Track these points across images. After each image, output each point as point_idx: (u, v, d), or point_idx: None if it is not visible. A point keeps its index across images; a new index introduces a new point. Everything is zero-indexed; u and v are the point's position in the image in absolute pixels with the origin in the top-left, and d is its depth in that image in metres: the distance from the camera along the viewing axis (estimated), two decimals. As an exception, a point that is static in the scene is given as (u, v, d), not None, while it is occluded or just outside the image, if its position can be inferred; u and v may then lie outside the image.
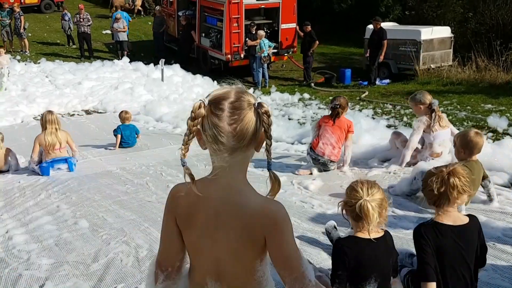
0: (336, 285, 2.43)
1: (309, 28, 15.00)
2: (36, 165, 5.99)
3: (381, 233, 2.51)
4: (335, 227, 3.50)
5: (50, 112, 6.23)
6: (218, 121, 1.42)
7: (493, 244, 3.47)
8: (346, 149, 5.60)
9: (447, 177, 2.49)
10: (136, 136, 7.66)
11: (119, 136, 7.41)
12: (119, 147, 7.40)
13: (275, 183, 1.54)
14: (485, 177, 4.15)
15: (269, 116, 1.48)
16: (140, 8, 25.13)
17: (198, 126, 1.46)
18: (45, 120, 6.00)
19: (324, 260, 3.26)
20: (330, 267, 3.16)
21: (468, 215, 2.63)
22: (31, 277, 3.27)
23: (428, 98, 5.24)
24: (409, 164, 5.34)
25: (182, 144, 1.49)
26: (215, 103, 1.45)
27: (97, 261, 3.45)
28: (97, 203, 4.77)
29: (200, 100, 1.47)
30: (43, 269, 3.37)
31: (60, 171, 5.97)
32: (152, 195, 4.96)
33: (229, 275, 1.53)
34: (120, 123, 7.60)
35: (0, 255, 3.65)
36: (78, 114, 11.16)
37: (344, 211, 2.51)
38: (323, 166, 5.52)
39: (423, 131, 5.23)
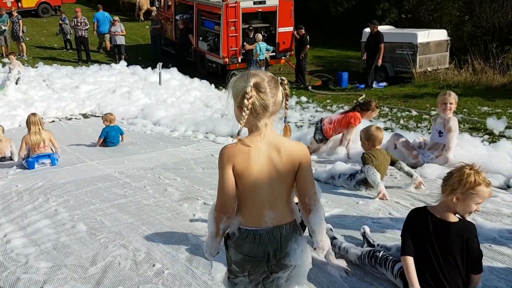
0: None
1: (302, 31, 15.08)
2: (23, 160, 6.74)
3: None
4: (330, 229, 3.55)
5: (33, 114, 7.05)
6: (264, 96, 1.99)
7: (489, 245, 3.49)
8: (345, 135, 6.30)
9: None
10: (120, 136, 8.25)
11: (101, 139, 8.03)
12: (104, 146, 8.04)
13: (288, 131, 2.14)
14: (395, 161, 4.86)
15: (288, 86, 2.09)
16: (142, 17, 25.32)
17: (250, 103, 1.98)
18: (29, 122, 6.77)
19: (323, 264, 3.27)
20: (333, 270, 3.18)
21: (463, 220, 2.66)
22: (29, 281, 3.27)
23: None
24: (413, 166, 5.39)
25: (241, 120, 2.01)
26: (257, 86, 1.99)
27: (95, 264, 3.46)
28: (95, 207, 4.77)
29: (249, 85, 1.98)
30: (41, 273, 3.38)
31: (44, 165, 6.71)
32: (150, 198, 4.97)
33: (278, 204, 2.09)
34: (105, 125, 8.13)
35: (-2, 258, 3.65)
36: (75, 118, 11.17)
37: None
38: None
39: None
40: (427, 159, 5.32)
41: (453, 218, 2.65)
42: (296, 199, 2.17)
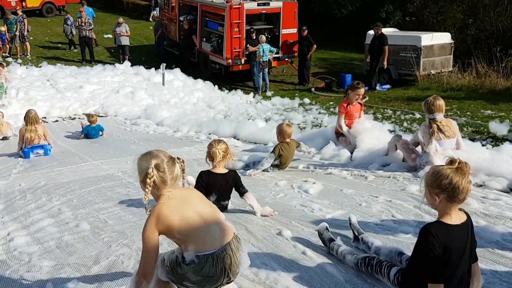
0: None
1: (306, 32, 15.10)
2: (20, 151, 7.60)
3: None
4: (327, 229, 3.55)
5: (30, 111, 7.86)
6: (163, 174, 2.46)
7: (492, 249, 3.49)
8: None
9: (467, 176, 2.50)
10: (100, 132, 9.24)
11: (82, 135, 9.13)
12: (86, 138, 9.11)
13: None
14: (297, 146, 6.12)
15: (183, 161, 2.59)
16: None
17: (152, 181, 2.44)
18: (27, 118, 7.67)
19: (326, 263, 3.27)
20: (332, 271, 3.18)
21: (462, 210, 2.63)
22: (32, 279, 3.28)
23: (433, 106, 5.22)
24: (412, 168, 5.39)
25: (145, 194, 2.45)
26: (157, 167, 2.45)
27: (98, 263, 3.46)
28: (98, 206, 4.78)
29: (150, 167, 2.43)
30: (44, 271, 3.38)
31: (38, 155, 7.56)
32: (153, 198, 4.98)
33: (214, 220, 2.54)
34: (88, 124, 9.22)
35: (1, 257, 3.67)
36: (79, 118, 11.19)
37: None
38: None
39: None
40: (422, 162, 5.30)
41: (462, 215, 2.59)
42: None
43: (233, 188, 4.29)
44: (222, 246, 2.49)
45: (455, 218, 2.54)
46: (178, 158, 2.56)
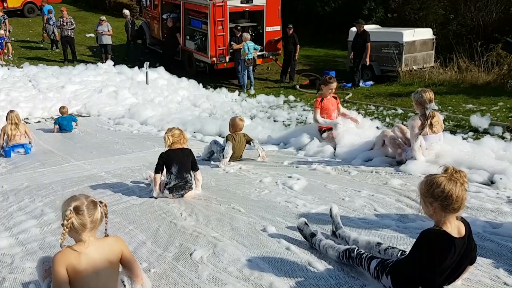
0: None
1: (291, 30, 15.14)
2: (2, 149, 7.84)
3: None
4: (306, 224, 3.57)
5: (12, 111, 8.21)
6: (82, 217, 2.48)
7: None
8: None
9: (461, 184, 2.48)
10: (73, 123, 9.75)
11: (56, 126, 9.62)
12: (59, 132, 9.59)
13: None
14: (250, 140, 6.38)
15: (106, 205, 2.64)
16: None
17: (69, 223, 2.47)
18: (8, 118, 8.01)
19: (310, 258, 3.30)
20: (316, 266, 3.21)
21: (461, 219, 2.64)
22: (15, 281, 3.25)
23: (424, 98, 5.24)
24: (398, 162, 5.44)
25: (62, 235, 2.49)
26: (77, 209, 2.48)
27: (81, 264, 3.43)
28: (82, 207, 4.74)
29: (68, 209, 2.46)
30: (27, 273, 3.35)
31: (19, 154, 7.76)
32: (137, 198, 4.96)
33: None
34: (60, 116, 9.84)
35: (-18, 259, 3.62)
36: (62, 118, 11.05)
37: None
38: None
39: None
40: (407, 157, 5.37)
41: (461, 226, 2.60)
42: None
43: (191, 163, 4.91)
44: None
45: (453, 228, 2.53)
46: (101, 202, 2.59)
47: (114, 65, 15.87)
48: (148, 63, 13.93)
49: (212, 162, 6.39)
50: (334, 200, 4.57)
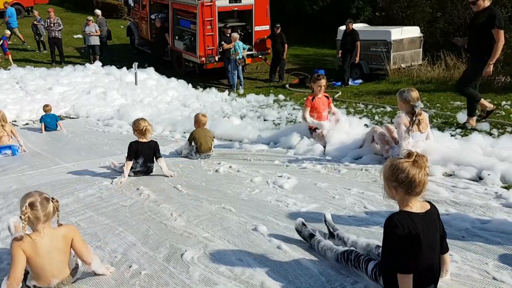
0: None
1: (279, 30, 15.17)
2: None
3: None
4: (303, 224, 3.56)
5: None
6: (36, 212, 2.89)
7: (462, 236, 3.58)
8: None
9: (424, 169, 2.53)
10: (56, 122, 10.00)
11: (42, 124, 9.84)
12: (45, 131, 9.82)
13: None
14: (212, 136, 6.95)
15: (57, 201, 3.04)
16: None
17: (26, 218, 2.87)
18: None
19: (301, 257, 3.30)
20: (306, 264, 3.21)
21: (427, 201, 2.69)
22: (4, 285, 3.21)
23: (412, 96, 5.29)
24: (386, 159, 5.46)
25: (22, 228, 2.87)
26: (31, 205, 2.88)
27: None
28: (70, 209, 4.71)
29: (25, 205, 2.85)
30: (15, 277, 3.31)
31: (6, 155, 7.76)
32: (127, 199, 4.93)
33: (62, 271, 3.07)
34: (43, 114, 10.07)
35: (-30, 264, 3.57)
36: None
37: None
38: None
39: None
40: (393, 154, 5.40)
41: (426, 204, 2.64)
42: None
43: (154, 153, 5.79)
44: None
45: (416, 207, 2.57)
46: (53, 198, 3.00)
47: (102, 66, 15.76)
48: (137, 63, 13.86)
49: (202, 161, 6.38)
50: (325, 198, 4.58)
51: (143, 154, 5.70)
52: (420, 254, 2.51)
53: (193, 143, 6.72)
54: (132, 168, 5.71)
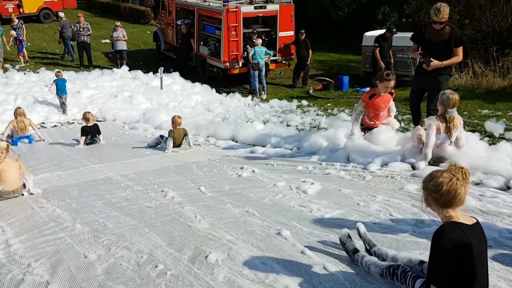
0: None
1: (304, 36, 15.16)
2: (9, 139, 9.02)
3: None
4: (349, 236, 3.39)
5: (19, 107, 9.60)
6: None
7: (489, 245, 3.50)
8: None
9: (457, 179, 2.46)
10: (65, 85, 11.75)
11: (54, 84, 11.71)
12: (56, 94, 11.70)
13: None
14: (186, 134, 8.24)
15: (9, 143, 5.73)
16: None
17: None
18: (16, 113, 9.35)
19: (325, 262, 3.29)
20: (331, 270, 3.20)
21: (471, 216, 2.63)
22: (33, 283, 3.30)
23: (449, 101, 5.23)
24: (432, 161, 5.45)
25: None
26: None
27: (98, 266, 3.48)
28: (98, 209, 4.80)
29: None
30: (44, 274, 3.40)
31: (24, 143, 9.19)
32: (152, 201, 5.00)
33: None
34: (56, 78, 11.83)
35: (1, 260, 3.68)
36: (78, 123, 11.19)
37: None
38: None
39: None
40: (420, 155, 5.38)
41: (470, 218, 2.56)
42: None
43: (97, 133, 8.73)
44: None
45: (464, 219, 2.50)
46: (7, 141, 4.18)
47: (129, 71, 16.02)
48: (163, 68, 14.05)
49: (199, 159, 6.42)
50: (349, 204, 4.56)
51: (90, 133, 8.78)
52: (471, 266, 2.41)
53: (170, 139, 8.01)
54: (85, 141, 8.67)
